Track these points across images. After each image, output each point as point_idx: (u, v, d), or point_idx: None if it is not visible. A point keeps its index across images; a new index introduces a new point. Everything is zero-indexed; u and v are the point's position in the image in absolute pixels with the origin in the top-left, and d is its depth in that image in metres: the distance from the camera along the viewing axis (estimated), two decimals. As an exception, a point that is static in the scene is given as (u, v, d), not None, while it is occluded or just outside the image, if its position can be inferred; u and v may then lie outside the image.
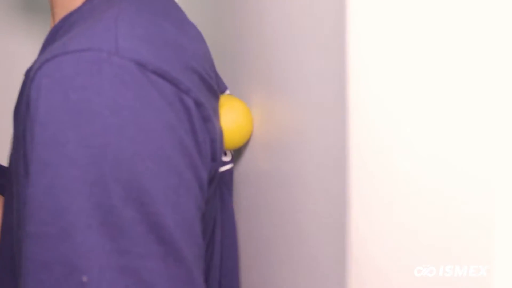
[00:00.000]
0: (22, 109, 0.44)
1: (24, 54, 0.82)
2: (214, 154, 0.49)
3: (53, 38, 0.50)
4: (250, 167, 0.61)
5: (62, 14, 0.52)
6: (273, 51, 0.53)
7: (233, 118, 0.56)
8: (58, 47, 0.42)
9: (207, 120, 0.47)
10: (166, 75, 0.43)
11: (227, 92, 0.61)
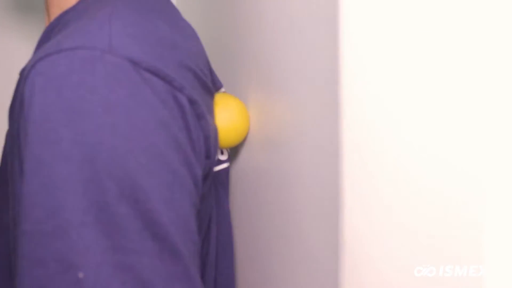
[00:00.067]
0: (16, 107, 0.44)
1: (19, 53, 0.81)
2: (208, 152, 0.49)
3: (47, 37, 0.50)
4: (247, 166, 0.61)
5: (57, 13, 0.52)
6: (270, 50, 0.53)
7: (227, 116, 0.56)
8: (52, 46, 0.42)
9: (201, 117, 0.47)
10: (159, 73, 0.43)
11: (222, 90, 0.61)
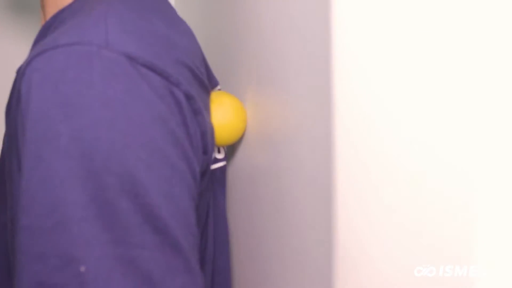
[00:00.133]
0: (13, 105, 0.44)
1: (15, 53, 0.81)
2: (206, 147, 0.49)
3: (43, 35, 0.50)
4: (245, 164, 0.61)
5: (53, 12, 0.52)
6: (267, 49, 0.53)
7: (223, 114, 0.56)
8: (48, 42, 0.42)
9: (198, 113, 0.47)
10: (156, 68, 0.43)
11: (218, 87, 0.61)
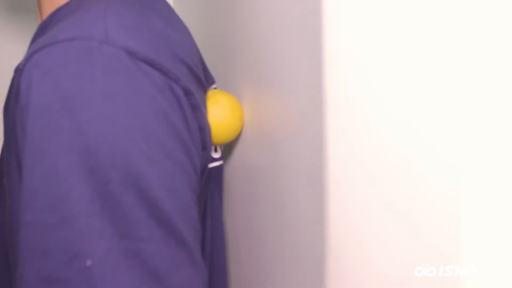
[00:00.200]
0: (12, 102, 0.44)
1: (12, 54, 0.80)
2: (204, 143, 0.49)
3: (41, 34, 0.50)
4: (242, 162, 0.61)
5: (50, 11, 0.52)
6: (265, 48, 0.53)
7: (219, 112, 0.56)
8: (48, 38, 0.42)
9: (196, 108, 0.47)
10: (155, 64, 0.43)
11: (214, 86, 0.61)
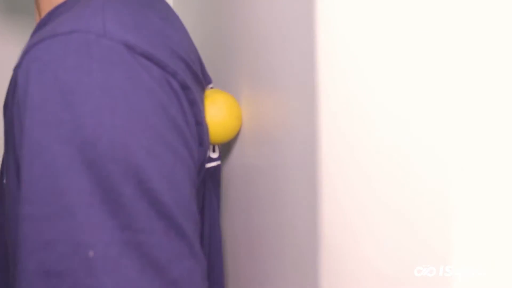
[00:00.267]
0: (9, 96, 0.44)
1: (10, 54, 0.81)
2: (201, 139, 0.49)
3: (40, 31, 0.50)
4: (240, 161, 0.61)
5: (47, 10, 0.53)
6: (262, 46, 0.53)
7: (217, 111, 0.56)
8: (46, 32, 0.42)
9: (193, 103, 0.47)
10: (153, 58, 0.43)
11: (211, 85, 0.61)
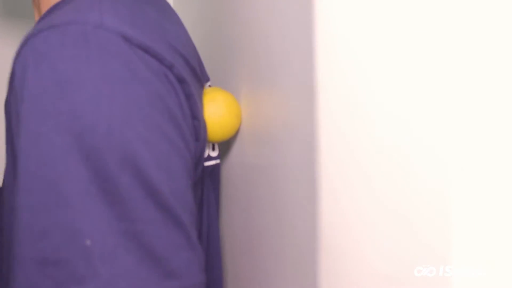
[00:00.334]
0: (8, 89, 0.44)
1: (9, 58, 0.80)
2: (198, 133, 0.49)
3: None
4: (240, 160, 0.61)
5: (47, 8, 0.53)
6: (261, 45, 0.53)
7: (216, 109, 0.56)
8: (43, 24, 0.42)
9: (189, 96, 0.47)
10: (149, 50, 0.44)
11: (208, 83, 0.61)
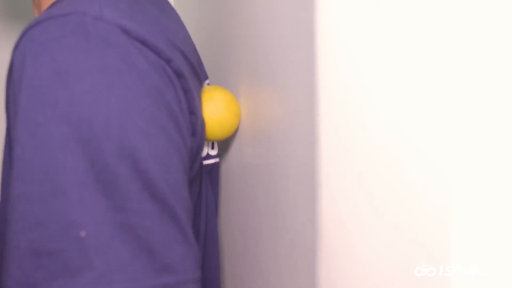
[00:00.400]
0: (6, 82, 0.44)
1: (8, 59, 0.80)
2: (195, 129, 0.49)
3: None
4: (238, 159, 0.61)
5: (46, 7, 0.53)
6: (261, 44, 0.53)
7: (213, 108, 0.56)
8: (42, 15, 0.42)
9: (187, 91, 0.47)
10: (148, 43, 0.44)
11: (207, 81, 0.61)
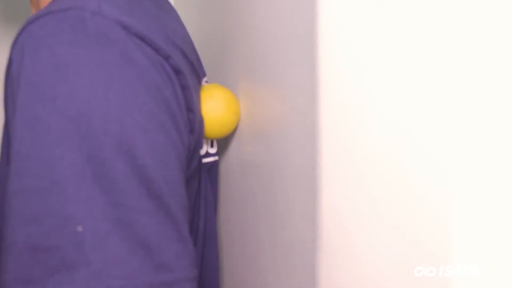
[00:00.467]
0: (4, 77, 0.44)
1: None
2: (193, 126, 0.49)
3: None
4: (238, 157, 0.61)
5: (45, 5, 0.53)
6: (260, 43, 0.53)
7: (213, 106, 0.56)
8: (41, 10, 0.42)
9: (185, 88, 0.47)
10: (146, 40, 0.43)
11: (205, 79, 0.61)
